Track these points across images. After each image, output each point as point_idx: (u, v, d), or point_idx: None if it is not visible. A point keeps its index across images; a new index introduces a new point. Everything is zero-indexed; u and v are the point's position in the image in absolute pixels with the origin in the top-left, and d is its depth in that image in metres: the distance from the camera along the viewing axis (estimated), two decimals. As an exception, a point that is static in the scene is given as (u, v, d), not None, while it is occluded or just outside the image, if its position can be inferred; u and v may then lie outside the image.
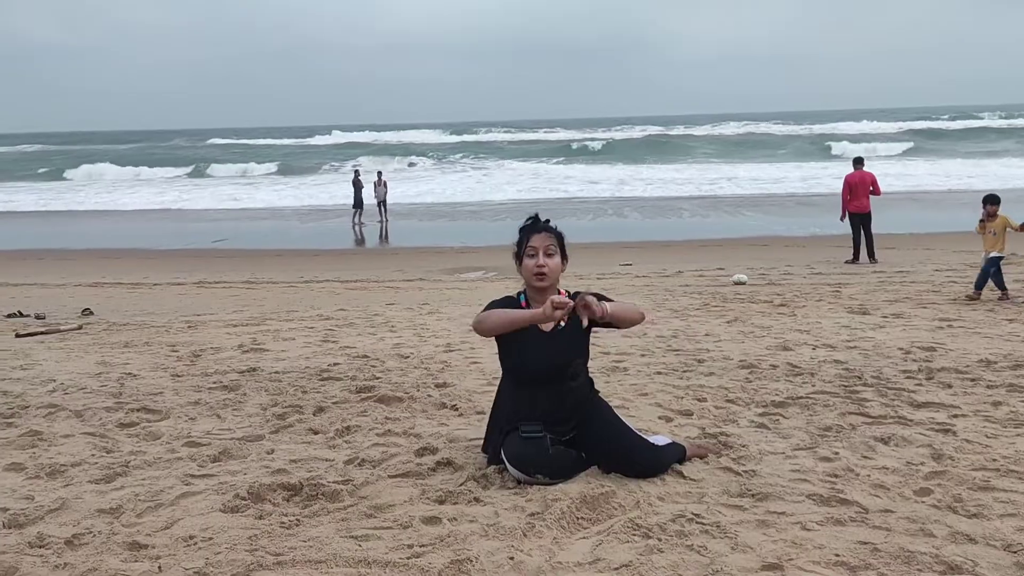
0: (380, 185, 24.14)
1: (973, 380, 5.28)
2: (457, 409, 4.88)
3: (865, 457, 3.84)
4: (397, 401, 5.06)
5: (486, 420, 3.98)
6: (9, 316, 9.65)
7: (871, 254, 13.59)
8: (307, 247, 19.10)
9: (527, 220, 3.83)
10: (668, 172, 36.91)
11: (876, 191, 13.98)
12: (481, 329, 3.65)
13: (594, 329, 3.79)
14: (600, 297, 3.61)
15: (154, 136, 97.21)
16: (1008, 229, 9.21)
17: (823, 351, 6.38)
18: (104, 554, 2.97)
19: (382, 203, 23.99)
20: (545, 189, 32.19)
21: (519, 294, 3.83)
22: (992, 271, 9.04)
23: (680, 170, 37.58)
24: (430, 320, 8.57)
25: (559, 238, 3.75)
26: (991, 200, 9.44)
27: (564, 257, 3.77)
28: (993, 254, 9.13)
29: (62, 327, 8.49)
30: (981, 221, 9.45)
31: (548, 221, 3.81)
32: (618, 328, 3.76)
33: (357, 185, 24.11)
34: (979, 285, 9.07)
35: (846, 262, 13.51)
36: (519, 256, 3.76)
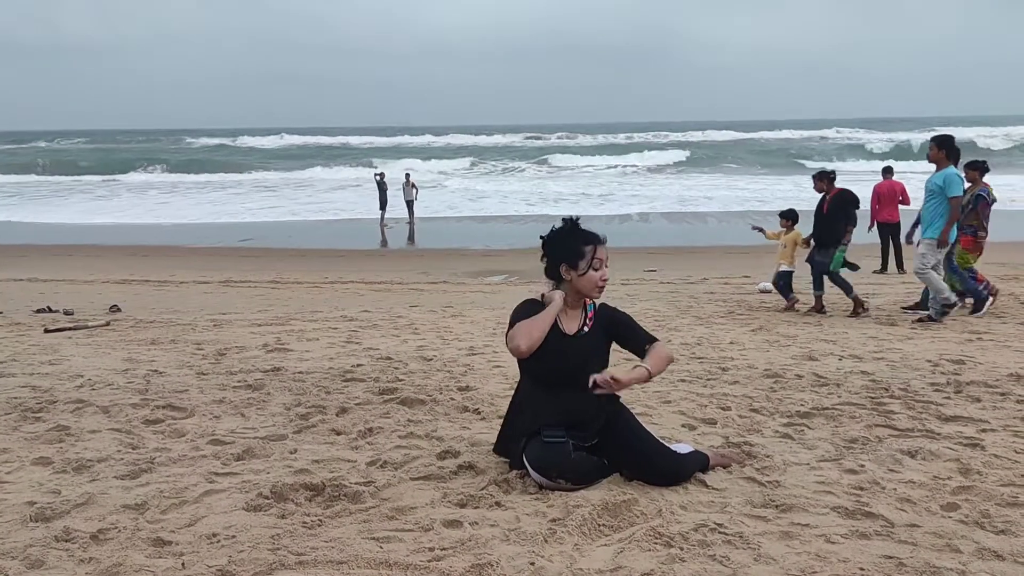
0: (409, 187, 24.31)
1: (1003, 394, 5.20)
2: (479, 413, 4.88)
3: (891, 470, 3.79)
4: (420, 403, 5.07)
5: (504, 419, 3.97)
6: (38, 311, 9.80)
7: (899, 264, 13.44)
8: (332, 247, 19.22)
9: (567, 224, 3.72)
10: (702, 184, 36.35)
11: (906, 201, 13.80)
12: (519, 350, 3.56)
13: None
14: (632, 331, 3.77)
15: (177, 135, 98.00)
16: (797, 246, 9.71)
17: (849, 362, 6.31)
18: (129, 549, 3.00)
19: (410, 203, 24.16)
20: (571, 197, 31.98)
21: (543, 296, 3.81)
22: (781, 284, 9.56)
23: (715, 183, 36.85)
24: (453, 323, 8.58)
25: None
26: (784, 215, 10.02)
27: None
28: (783, 267, 9.62)
29: (90, 323, 8.60)
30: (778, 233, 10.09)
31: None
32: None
33: (382, 187, 24.33)
34: (784, 295, 9.52)
35: (874, 272, 13.36)
36: (576, 264, 3.65)
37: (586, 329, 3.74)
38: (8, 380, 5.82)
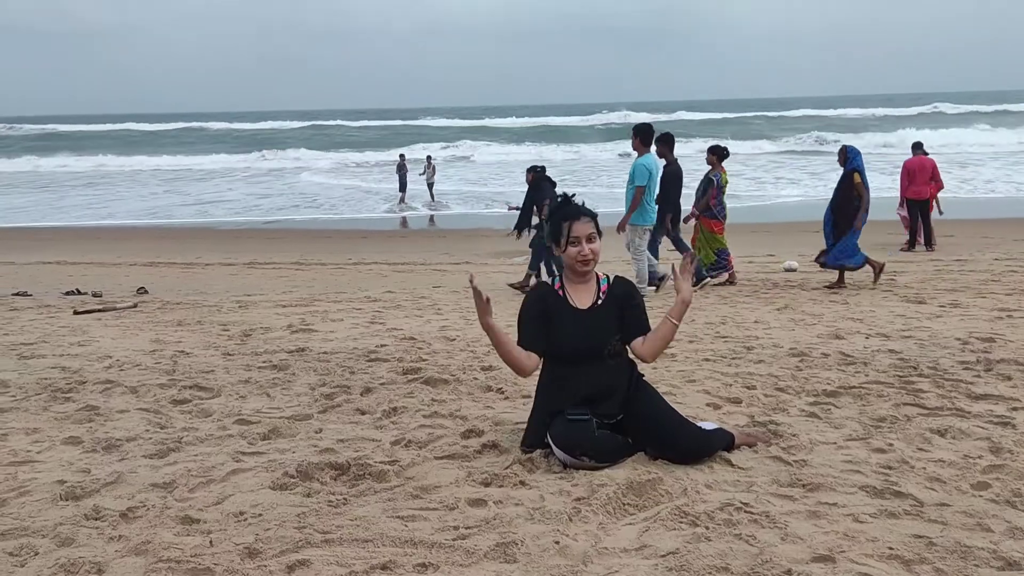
0: (429, 168, 24.39)
1: (1034, 372, 5.11)
2: (503, 392, 4.88)
3: (920, 449, 3.74)
4: (443, 383, 5.08)
5: (531, 404, 3.93)
6: (68, 294, 9.93)
7: (928, 241, 13.24)
8: (356, 229, 19.27)
9: (558, 198, 3.86)
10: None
11: (936, 177, 13.57)
12: (522, 371, 3.78)
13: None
14: (638, 319, 3.81)
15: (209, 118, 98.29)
16: None
17: (877, 340, 6.23)
18: (157, 527, 3.03)
19: (431, 185, 24.26)
20: (582, 173, 31.75)
21: (553, 279, 3.84)
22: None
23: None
24: (476, 303, 8.57)
25: (596, 220, 3.74)
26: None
27: (599, 235, 3.77)
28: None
29: (118, 305, 8.69)
30: None
31: (575, 197, 3.85)
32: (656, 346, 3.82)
33: (401, 169, 24.44)
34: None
35: (901, 249, 13.18)
36: (557, 242, 3.74)
37: (600, 302, 3.72)
38: (38, 361, 5.90)
